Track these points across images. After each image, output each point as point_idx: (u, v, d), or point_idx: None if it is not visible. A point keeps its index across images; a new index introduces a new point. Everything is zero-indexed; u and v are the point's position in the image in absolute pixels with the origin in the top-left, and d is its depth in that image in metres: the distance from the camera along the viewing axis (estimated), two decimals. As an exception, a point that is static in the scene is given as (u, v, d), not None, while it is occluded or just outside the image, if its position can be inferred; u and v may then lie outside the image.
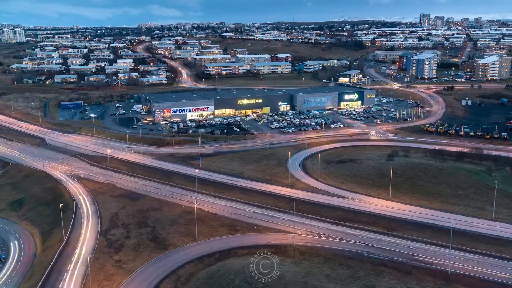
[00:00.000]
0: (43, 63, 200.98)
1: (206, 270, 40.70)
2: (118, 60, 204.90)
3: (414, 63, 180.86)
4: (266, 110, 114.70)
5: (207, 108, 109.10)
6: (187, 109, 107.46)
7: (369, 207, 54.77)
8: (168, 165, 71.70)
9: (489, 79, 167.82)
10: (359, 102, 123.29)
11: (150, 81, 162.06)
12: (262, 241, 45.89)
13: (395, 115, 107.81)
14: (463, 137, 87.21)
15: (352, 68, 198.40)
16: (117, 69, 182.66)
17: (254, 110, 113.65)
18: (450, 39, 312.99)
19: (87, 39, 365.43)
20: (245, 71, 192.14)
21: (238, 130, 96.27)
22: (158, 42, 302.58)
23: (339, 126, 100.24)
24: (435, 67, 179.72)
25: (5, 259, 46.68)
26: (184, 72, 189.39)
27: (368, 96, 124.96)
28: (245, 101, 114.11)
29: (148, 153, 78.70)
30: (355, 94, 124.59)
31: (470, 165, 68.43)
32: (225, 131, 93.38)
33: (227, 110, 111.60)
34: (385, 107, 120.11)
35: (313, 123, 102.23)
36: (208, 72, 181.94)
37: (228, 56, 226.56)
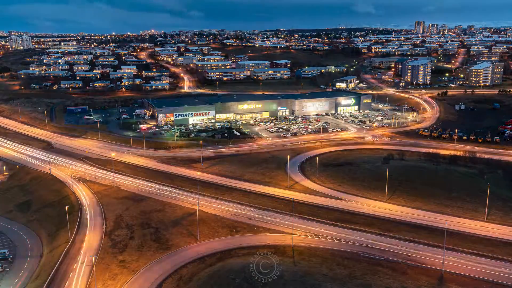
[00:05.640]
0: (50, 69, 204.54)
1: (207, 270, 41.94)
2: (122, 67, 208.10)
3: (409, 69, 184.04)
4: (266, 114, 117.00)
5: (209, 113, 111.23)
6: (189, 113, 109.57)
7: (365, 209, 56.22)
8: (171, 168, 73.32)
9: (481, 84, 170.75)
10: (356, 107, 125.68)
11: (153, 87, 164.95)
12: (262, 241, 47.21)
13: (391, 119, 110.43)
14: (456, 141, 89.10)
15: (349, 74, 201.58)
16: (121, 75, 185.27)
17: (254, 115, 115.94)
18: (444, 46, 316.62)
19: (92, 46, 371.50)
20: (245, 77, 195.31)
21: (238, 134, 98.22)
22: (161, 49, 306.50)
23: (336, 130, 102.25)
24: (430, 73, 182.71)
25: (13, 259, 48.00)
26: (186, 78, 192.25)
27: (365, 101, 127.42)
28: (245, 106, 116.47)
29: (151, 156, 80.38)
30: (352, 99, 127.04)
31: (464, 168, 70.10)
32: (226, 135, 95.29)
33: (227, 114, 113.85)
34: (381, 112, 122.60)
35: (311, 127, 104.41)
36: (209, 78, 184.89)
37: (229, 63, 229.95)
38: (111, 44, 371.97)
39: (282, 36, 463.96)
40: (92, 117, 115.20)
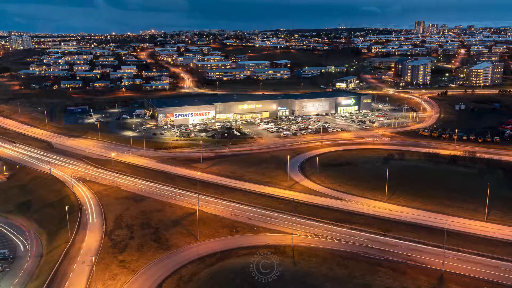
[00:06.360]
0: (50, 69, 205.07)
1: (207, 270, 41.98)
2: (122, 67, 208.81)
3: (409, 69, 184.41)
4: (266, 114, 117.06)
5: (209, 113, 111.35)
6: (189, 113, 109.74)
7: (365, 209, 56.28)
8: (171, 168, 73.33)
9: (481, 84, 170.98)
10: (356, 107, 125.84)
11: (153, 87, 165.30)
12: (262, 241, 47.25)
13: (391, 119, 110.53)
14: (456, 141, 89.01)
15: (349, 74, 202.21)
16: (121, 75, 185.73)
17: (254, 115, 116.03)
18: (444, 46, 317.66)
19: (92, 46, 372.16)
20: (245, 77, 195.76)
21: (238, 134, 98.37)
22: (161, 49, 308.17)
23: (336, 130, 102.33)
24: (430, 73, 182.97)
25: (13, 259, 48.01)
26: (186, 78, 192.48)
27: (365, 101, 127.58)
28: (245, 106, 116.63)
29: (151, 156, 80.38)
30: (352, 99, 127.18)
31: (464, 168, 70.23)
32: (226, 135, 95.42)
33: (228, 114, 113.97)
34: (381, 112, 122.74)
35: (311, 127, 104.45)
36: (209, 78, 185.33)
37: (229, 63, 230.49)
38: (111, 44, 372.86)
39: (282, 36, 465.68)
40: (91, 115, 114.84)
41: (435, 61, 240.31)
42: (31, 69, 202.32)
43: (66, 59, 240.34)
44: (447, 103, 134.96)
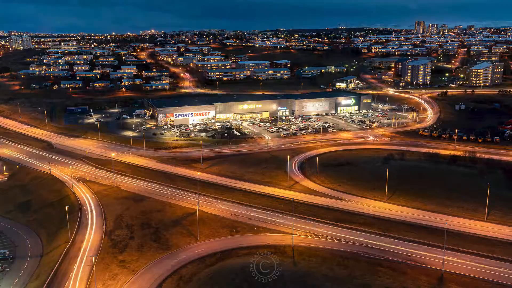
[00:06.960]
0: (50, 69, 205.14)
1: (207, 270, 42.02)
2: (122, 67, 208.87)
3: (409, 69, 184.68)
4: (266, 114, 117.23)
5: (209, 113, 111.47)
6: (189, 113, 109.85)
7: (365, 209, 56.33)
8: (171, 168, 73.42)
9: (481, 84, 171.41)
10: (356, 107, 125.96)
11: (153, 87, 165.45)
12: (262, 241, 47.29)
13: (391, 119, 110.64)
14: (456, 141, 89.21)
15: (349, 74, 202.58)
16: (121, 75, 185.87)
17: (254, 115, 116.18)
18: (444, 46, 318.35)
19: (92, 46, 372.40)
20: (245, 77, 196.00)
21: (238, 134, 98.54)
22: (161, 49, 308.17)
23: (336, 130, 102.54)
24: (430, 73, 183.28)
25: (13, 259, 48.01)
26: (186, 78, 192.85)
27: (365, 101, 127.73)
28: (245, 106, 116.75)
29: (151, 156, 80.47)
30: (352, 99, 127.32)
31: (464, 168, 70.33)
32: (226, 135, 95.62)
33: (227, 114, 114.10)
34: (381, 112, 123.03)
35: (311, 128, 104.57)
36: (209, 78, 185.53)
37: (229, 63, 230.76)
38: (111, 44, 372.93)
39: (282, 36, 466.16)
40: (91, 115, 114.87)
41: (435, 61, 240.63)
42: (31, 69, 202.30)
43: (66, 59, 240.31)
44: (447, 103, 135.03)
